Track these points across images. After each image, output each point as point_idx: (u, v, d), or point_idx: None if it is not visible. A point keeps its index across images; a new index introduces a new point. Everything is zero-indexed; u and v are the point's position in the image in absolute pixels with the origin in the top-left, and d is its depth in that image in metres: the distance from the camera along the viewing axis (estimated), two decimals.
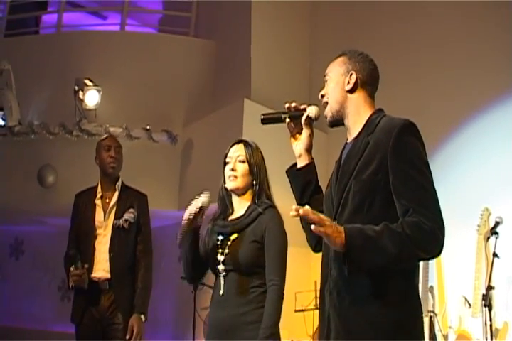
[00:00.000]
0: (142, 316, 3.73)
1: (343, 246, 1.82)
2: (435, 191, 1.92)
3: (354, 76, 2.07)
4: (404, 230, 1.84)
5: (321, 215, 1.84)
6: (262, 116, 2.21)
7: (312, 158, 2.21)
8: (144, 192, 3.98)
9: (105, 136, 4.33)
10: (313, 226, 1.82)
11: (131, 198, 3.88)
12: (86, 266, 3.62)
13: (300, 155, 2.20)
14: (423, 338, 1.94)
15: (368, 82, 2.09)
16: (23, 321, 7.23)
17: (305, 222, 2.19)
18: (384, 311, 1.87)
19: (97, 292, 3.70)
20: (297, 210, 1.81)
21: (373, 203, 1.93)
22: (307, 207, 1.86)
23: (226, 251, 2.79)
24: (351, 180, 1.98)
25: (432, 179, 1.94)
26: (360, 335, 1.88)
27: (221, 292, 2.77)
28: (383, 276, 1.89)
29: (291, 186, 2.24)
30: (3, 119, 5.78)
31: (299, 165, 2.21)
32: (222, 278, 2.78)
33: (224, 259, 2.78)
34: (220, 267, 2.79)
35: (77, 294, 3.77)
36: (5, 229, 7.30)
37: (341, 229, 1.84)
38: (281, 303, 2.76)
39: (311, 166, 2.20)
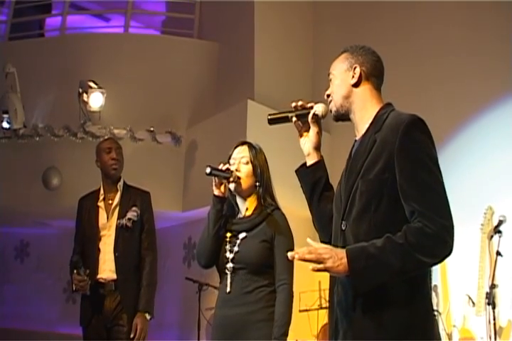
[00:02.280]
0: (147, 314, 3.71)
1: (347, 272, 1.81)
2: (443, 189, 1.87)
3: (358, 69, 2.04)
4: (407, 239, 1.80)
5: (319, 249, 1.83)
6: (269, 117, 2.20)
7: (321, 156, 2.18)
8: (146, 190, 3.99)
9: (105, 138, 4.33)
10: (310, 267, 1.82)
11: (134, 196, 3.88)
12: (87, 271, 3.60)
13: (309, 154, 2.17)
14: (436, 338, 1.92)
15: (372, 73, 2.05)
16: (29, 323, 7.24)
17: (316, 222, 2.19)
18: (392, 313, 1.83)
19: (103, 294, 3.70)
20: (293, 257, 1.83)
21: (381, 203, 1.89)
22: (308, 239, 1.88)
23: (235, 248, 2.82)
24: (358, 179, 1.95)
25: (441, 176, 1.89)
26: (369, 337, 1.85)
27: (228, 289, 2.78)
28: None
29: (301, 185, 2.20)
30: (8, 122, 5.80)
31: (308, 164, 2.17)
32: (229, 276, 2.80)
33: (233, 257, 2.81)
34: (229, 265, 2.80)
35: (84, 297, 3.76)
36: (10, 232, 7.32)
37: (342, 254, 1.82)
38: (292, 302, 2.80)
39: (320, 164, 2.16)
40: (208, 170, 2.77)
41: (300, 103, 2.17)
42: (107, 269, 3.73)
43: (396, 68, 5.09)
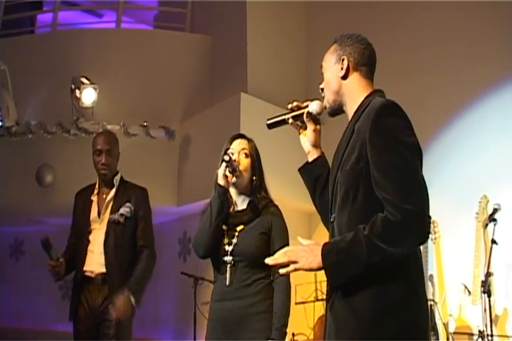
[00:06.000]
0: (132, 297, 3.57)
1: (321, 267, 1.83)
2: (414, 173, 1.80)
3: (346, 61, 2.02)
4: (372, 230, 1.77)
5: (296, 249, 1.86)
6: (268, 122, 2.23)
7: (322, 152, 2.18)
8: (143, 186, 3.96)
9: (100, 131, 4.22)
10: (281, 270, 1.87)
11: (129, 192, 3.81)
12: (61, 259, 3.55)
13: (309, 152, 2.18)
14: (415, 325, 1.82)
15: (360, 62, 2.03)
16: (25, 321, 7.24)
17: (321, 216, 2.16)
18: (367, 300, 1.81)
19: (90, 286, 3.63)
20: (268, 264, 1.88)
21: (357, 193, 1.86)
22: (299, 238, 1.91)
23: (234, 241, 2.82)
24: (339, 172, 1.94)
25: (414, 159, 1.82)
26: (345, 325, 1.86)
27: (227, 282, 2.78)
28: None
29: (304, 182, 2.21)
30: (0, 120, 5.79)
31: (309, 160, 2.19)
32: (228, 269, 2.80)
33: (232, 250, 2.80)
34: (228, 257, 2.80)
35: (74, 290, 3.70)
36: (5, 230, 7.31)
37: (318, 251, 1.83)
38: (290, 293, 2.81)
39: (320, 160, 2.17)
40: (227, 157, 2.78)
41: (295, 104, 2.18)
42: (94, 262, 3.64)
43: (393, 63, 5.11)
